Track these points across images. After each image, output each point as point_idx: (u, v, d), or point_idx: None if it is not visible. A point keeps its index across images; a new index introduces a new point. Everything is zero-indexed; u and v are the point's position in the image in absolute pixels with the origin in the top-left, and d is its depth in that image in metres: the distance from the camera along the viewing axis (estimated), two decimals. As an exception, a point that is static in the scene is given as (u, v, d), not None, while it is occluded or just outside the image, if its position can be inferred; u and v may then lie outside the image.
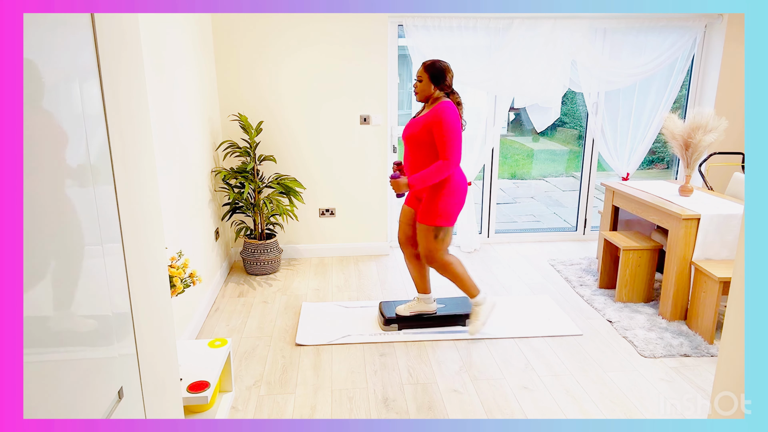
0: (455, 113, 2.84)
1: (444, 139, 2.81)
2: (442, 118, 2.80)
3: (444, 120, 2.80)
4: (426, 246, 3.00)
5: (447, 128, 2.80)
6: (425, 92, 2.93)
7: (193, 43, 3.48)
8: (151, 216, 1.32)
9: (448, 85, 2.92)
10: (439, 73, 2.89)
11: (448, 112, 2.81)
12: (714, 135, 3.41)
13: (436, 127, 2.81)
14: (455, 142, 2.82)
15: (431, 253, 3.01)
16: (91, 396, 0.98)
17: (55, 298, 0.88)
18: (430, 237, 2.98)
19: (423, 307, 3.28)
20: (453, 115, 2.82)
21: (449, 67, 2.93)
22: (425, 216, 2.96)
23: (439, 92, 2.92)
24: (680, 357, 2.96)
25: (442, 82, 2.90)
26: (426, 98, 2.96)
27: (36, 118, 0.83)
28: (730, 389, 1.51)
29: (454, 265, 3.07)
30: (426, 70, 2.91)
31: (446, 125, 2.80)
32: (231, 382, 2.60)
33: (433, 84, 2.90)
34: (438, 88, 2.91)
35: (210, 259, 3.72)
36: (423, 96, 2.95)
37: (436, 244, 2.99)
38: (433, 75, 2.89)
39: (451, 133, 2.80)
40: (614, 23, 4.41)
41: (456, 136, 2.82)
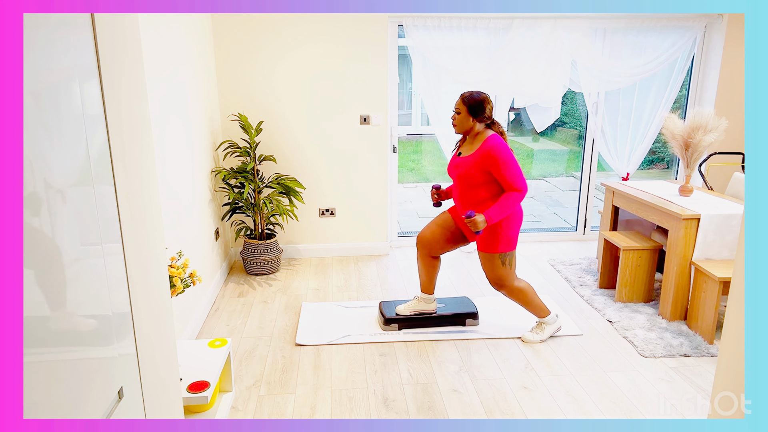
0: (505, 146, 2.77)
1: (506, 175, 2.75)
2: (496, 157, 2.73)
3: (499, 158, 2.73)
4: (494, 273, 2.96)
5: (504, 164, 2.74)
6: (464, 125, 2.85)
7: (193, 43, 3.48)
8: (151, 216, 1.32)
9: (488, 117, 2.84)
10: (477, 104, 2.80)
11: (500, 149, 2.74)
12: (714, 135, 3.41)
13: (493, 166, 2.75)
14: (517, 173, 2.76)
15: (501, 280, 2.97)
16: (91, 396, 0.98)
17: (55, 298, 0.88)
18: (497, 264, 2.93)
19: (423, 306, 3.28)
20: (505, 149, 2.76)
21: (488, 98, 2.84)
22: (488, 244, 2.91)
23: (479, 125, 2.84)
24: (680, 357, 2.96)
25: (481, 114, 2.81)
26: (465, 131, 2.88)
27: (36, 118, 0.83)
28: (730, 389, 1.51)
29: (525, 291, 3.03)
30: (464, 102, 2.82)
31: (503, 162, 2.73)
32: (231, 382, 2.60)
33: (472, 116, 2.81)
34: (477, 121, 2.83)
35: (210, 259, 3.72)
36: (462, 129, 2.87)
37: (504, 271, 2.95)
38: (471, 107, 2.80)
39: (511, 167, 2.75)
40: (614, 23, 4.41)
41: (515, 167, 2.76)
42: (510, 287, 3.00)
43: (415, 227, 6.03)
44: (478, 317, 3.29)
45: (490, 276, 2.99)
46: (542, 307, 3.09)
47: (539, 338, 3.12)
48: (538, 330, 3.14)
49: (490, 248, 2.92)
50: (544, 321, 3.13)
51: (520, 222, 2.95)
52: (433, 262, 3.23)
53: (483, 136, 2.84)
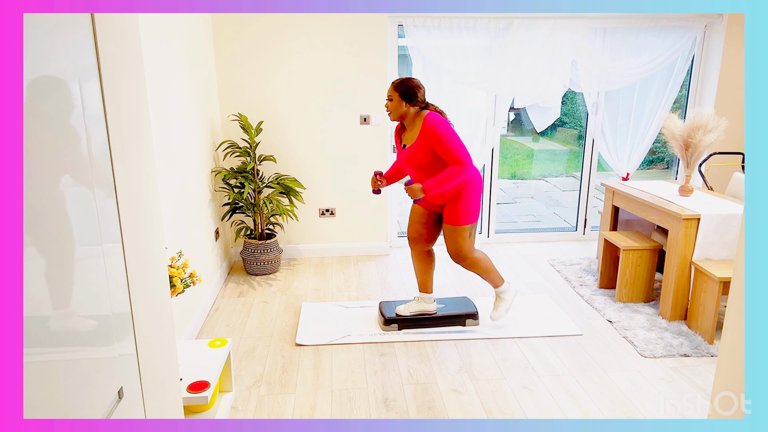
0: (443, 121, 2.83)
1: (447, 149, 2.79)
2: (435, 131, 2.78)
3: (438, 132, 2.78)
4: (457, 245, 3.02)
5: (445, 138, 2.78)
6: (397, 111, 2.89)
7: (193, 43, 3.48)
8: (151, 216, 1.32)
9: (421, 101, 2.90)
10: (409, 90, 2.85)
11: (439, 124, 2.80)
12: (714, 135, 3.41)
13: (435, 142, 2.79)
14: (458, 146, 2.80)
15: (462, 251, 3.03)
16: (91, 396, 0.98)
17: (55, 298, 0.88)
18: (463, 236, 3.00)
19: (423, 306, 3.28)
20: (443, 123, 2.81)
21: (420, 84, 2.90)
22: (452, 217, 2.98)
23: (413, 109, 2.89)
24: (680, 357, 2.96)
25: (413, 99, 2.86)
26: (400, 117, 2.92)
27: (36, 118, 0.83)
28: (730, 389, 1.51)
29: (484, 260, 3.12)
30: (395, 89, 2.87)
31: (443, 136, 2.78)
32: (231, 382, 2.60)
33: (405, 101, 2.86)
34: (410, 105, 2.88)
35: (210, 259, 3.72)
36: (396, 115, 2.91)
37: (467, 242, 3.02)
38: (403, 93, 2.85)
39: (451, 140, 2.79)
40: (614, 23, 4.41)
41: (455, 139, 2.81)
42: (471, 259, 3.07)
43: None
44: (478, 317, 3.29)
45: (452, 248, 3.04)
46: (497, 274, 3.18)
47: (505, 309, 3.21)
48: (499, 302, 3.22)
49: (455, 221, 2.98)
50: (500, 291, 3.21)
51: (480, 189, 3.01)
52: (427, 258, 3.27)
53: (420, 117, 2.88)
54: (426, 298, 3.29)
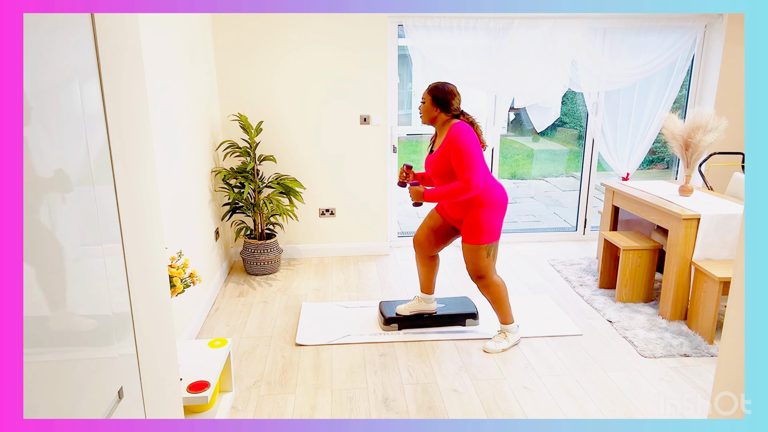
0: (469, 134, 2.73)
1: (460, 162, 2.71)
2: (455, 142, 2.71)
3: (457, 143, 2.70)
4: (476, 264, 2.92)
5: (461, 151, 2.70)
6: (428, 114, 2.84)
7: (194, 43, 3.48)
8: (151, 216, 1.32)
9: (455, 108, 2.82)
10: (442, 96, 2.79)
11: (461, 135, 2.71)
12: (714, 135, 3.41)
13: (454, 152, 2.72)
14: (472, 164, 2.70)
15: (481, 271, 2.93)
16: (91, 396, 0.98)
17: (54, 298, 0.88)
18: (481, 256, 2.89)
19: (423, 306, 3.28)
20: (467, 136, 2.71)
21: (455, 91, 2.81)
22: (470, 236, 2.88)
23: (444, 116, 2.82)
24: (680, 357, 2.96)
25: (445, 105, 2.80)
26: (430, 120, 2.86)
27: (36, 118, 0.83)
28: (730, 389, 1.51)
29: (501, 288, 2.99)
30: (429, 93, 2.82)
31: (460, 148, 2.70)
32: (231, 382, 2.60)
33: (437, 107, 2.80)
34: (442, 112, 2.81)
35: (210, 259, 3.72)
36: (427, 118, 2.86)
37: (487, 262, 2.91)
38: (436, 98, 2.79)
39: (467, 156, 2.69)
40: (614, 23, 4.41)
41: (472, 157, 2.70)
42: (488, 279, 2.95)
43: (415, 227, 6.03)
44: (478, 317, 3.29)
45: (471, 267, 2.95)
46: (510, 312, 3.05)
47: (501, 347, 3.03)
48: (501, 338, 3.06)
49: (474, 240, 2.87)
50: (507, 329, 3.07)
51: (503, 212, 2.91)
52: (430, 262, 3.23)
53: (449, 124, 2.82)
54: (427, 299, 3.28)
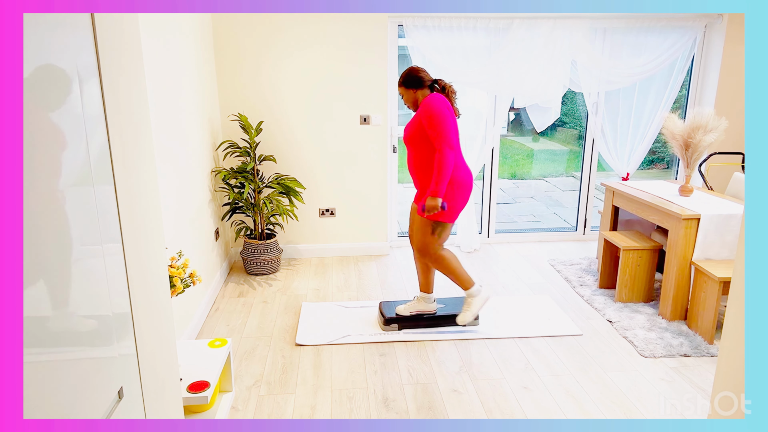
0: (440, 101, 2.84)
1: (433, 129, 2.81)
2: (427, 111, 2.83)
3: (429, 112, 2.82)
4: (421, 239, 3.01)
5: (431, 118, 2.81)
6: (410, 99, 2.98)
7: (193, 43, 3.48)
8: (151, 216, 1.32)
9: (429, 80, 2.94)
10: (410, 79, 2.93)
11: (432, 104, 2.83)
12: (714, 135, 3.41)
13: (426, 120, 2.83)
14: (445, 130, 2.80)
15: (425, 246, 3.02)
16: (91, 396, 0.98)
17: (55, 298, 0.88)
18: (427, 231, 2.98)
19: (423, 306, 3.28)
20: (438, 103, 2.82)
21: (418, 68, 2.96)
22: (419, 208, 2.95)
23: (422, 92, 2.94)
24: (680, 357, 2.96)
25: (418, 83, 2.93)
26: (414, 104, 3.00)
27: (36, 118, 0.83)
28: (730, 389, 1.51)
29: (448, 259, 3.06)
30: (400, 84, 2.98)
31: (432, 116, 2.81)
32: (231, 382, 2.60)
33: (412, 89, 2.94)
34: (419, 90, 2.94)
35: (210, 259, 3.72)
36: (411, 104, 3.01)
37: (431, 239, 2.99)
38: (408, 83, 2.94)
39: (436, 121, 2.80)
40: (614, 23, 4.41)
41: (444, 123, 2.80)
42: (434, 254, 3.02)
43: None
44: (478, 317, 3.29)
45: (417, 241, 3.03)
46: (466, 277, 3.10)
47: (472, 314, 3.12)
48: (467, 307, 3.14)
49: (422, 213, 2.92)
50: (469, 294, 3.12)
51: (466, 197, 2.98)
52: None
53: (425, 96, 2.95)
54: (426, 298, 3.28)
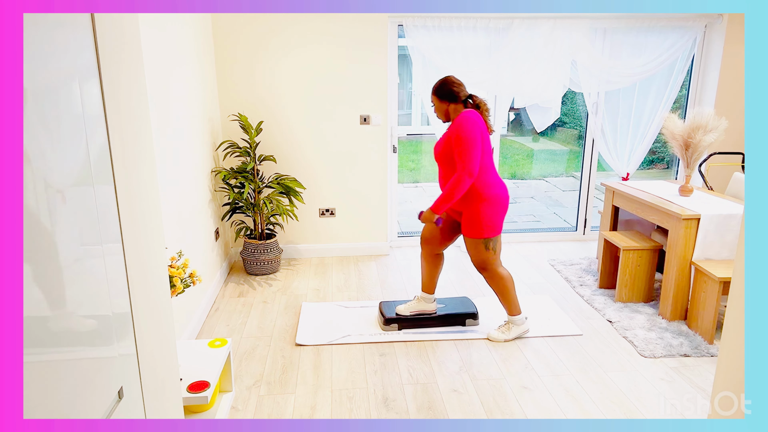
0: (471, 122, 2.79)
1: (458, 150, 2.79)
2: (457, 130, 2.80)
3: (459, 131, 2.79)
4: (478, 257, 3.00)
5: (460, 140, 2.78)
6: (441, 111, 2.95)
7: (193, 43, 3.48)
8: (151, 216, 1.32)
9: (464, 95, 2.90)
10: (444, 91, 2.89)
11: (464, 125, 2.79)
12: (714, 135, 3.41)
13: (455, 140, 2.81)
14: (468, 153, 2.77)
15: (484, 263, 3.01)
16: (91, 396, 0.98)
17: (55, 298, 0.88)
18: (480, 249, 2.98)
19: (423, 306, 3.28)
20: (468, 124, 2.78)
21: (454, 79, 2.90)
22: (470, 229, 2.95)
23: (455, 106, 2.91)
24: (680, 357, 2.96)
25: (451, 96, 2.89)
26: (445, 116, 2.96)
27: (36, 118, 0.83)
28: (730, 389, 1.51)
29: (506, 280, 3.06)
30: (433, 93, 2.94)
31: (460, 137, 2.78)
32: (231, 382, 2.60)
33: (446, 101, 2.91)
34: (452, 103, 2.91)
35: (210, 259, 3.72)
36: (442, 115, 2.97)
37: (488, 255, 2.98)
38: (441, 94, 2.91)
39: (464, 145, 2.77)
40: (614, 23, 4.41)
41: (468, 147, 2.76)
42: (492, 271, 3.03)
43: (415, 227, 6.02)
44: (478, 317, 3.29)
45: (474, 259, 3.03)
46: (516, 303, 3.11)
47: (504, 337, 3.12)
48: (505, 329, 3.15)
49: (473, 233, 2.95)
50: (512, 320, 3.14)
51: (503, 209, 2.98)
52: (435, 260, 3.24)
53: (458, 112, 2.92)
54: (426, 298, 3.28)
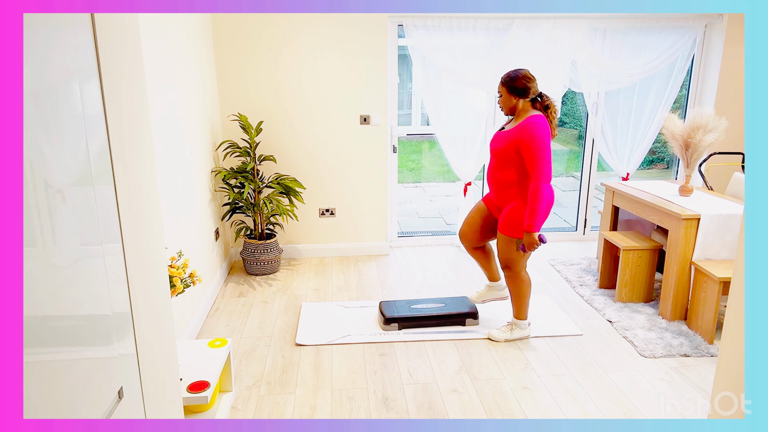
0: (545, 129, 2.73)
1: (533, 159, 2.72)
2: (530, 138, 2.71)
3: (533, 140, 2.70)
4: (506, 255, 2.98)
5: (536, 148, 2.70)
6: (507, 105, 2.86)
7: (193, 43, 3.48)
8: (151, 216, 1.32)
9: (535, 93, 2.82)
10: (516, 85, 2.79)
11: (536, 132, 2.70)
12: (714, 135, 3.41)
13: (524, 146, 2.73)
14: (544, 162, 2.72)
15: (509, 262, 2.99)
16: (91, 396, 0.98)
17: (54, 297, 0.88)
18: (511, 248, 2.94)
19: (495, 294, 3.35)
20: (542, 132, 2.71)
21: (530, 75, 2.80)
22: (506, 227, 2.91)
23: (524, 102, 2.82)
24: (680, 357, 2.96)
25: (522, 92, 2.80)
26: (510, 110, 2.88)
27: (36, 118, 0.83)
28: (730, 389, 1.51)
29: (525, 284, 3.06)
30: (503, 84, 2.84)
31: (535, 145, 2.70)
32: (231, 382, 2.60)
33: (514, 95, 2.81)
34: (520, 98, 2.82)
35: (210, 259, 3.72)
36: (507, 109, 2.88)
37: (515, 255, 2.96)
38: (512, 88, 2.80)
39: (540, 153, 2.70)
40: (614, 23, 4.41)
41: (545, 154, 2.71)
42: (515, 272, 3.02)
43: (415, 227, 6.03)
44: (478, 317, 3.29)
45: (501, 256, 3.01)
46: (526, 309, 3.12)
47: (505, 337, 3.13)
48: (507, 329, 3.15)
49: (507, 231, 2.92)
50: (517, 323, 3.14)
51: (546, 212, 2.86)
52: (480, 253, 3.28)
53: (527, 113, 2.82)
54: (493, 287, 3.34)
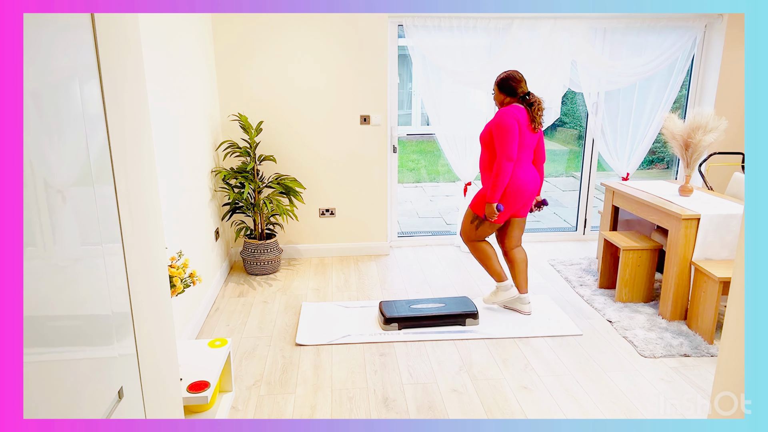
0: (510, 116, 3.09)
1: (497, 140, 3.12)
2: (496, 122, 3.13)
3: (498, 123, 3.11)
4: (465, 227, 3.40)
5: (498, 130, 3.10)
6: (498, 101, 3.27)
7: (193, 43, 3.48)
8: (151, 216, 1.32)
9: (521, 92, 3.19)
10: (505, 85, 3.19)
11: (503, 117, 3.11)
12: (714, 135, 3.41)
13: (494, 129, 3.14)
14: (506, 143, 3.08)
15: (465, 233, 3.41)
16: (91, 396, 0.98)
17: (54, 297, 0.88)
18: (467, 219, 3.38)
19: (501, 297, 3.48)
20: (507, 118, 3.09)
21: (517, 76, 3.19)
22: (473, 203, 3.32)
23: (508, 99, 3.20)
24: (680, 357, 2.96)
25: (509, 90, 3.19)
26: (500, 105, 3.26)
27: (36, 118, 0.83)
28: (730, 389, 1.51)
29: (480, 251, 3.40)
30: (496, 84, 3.24)
31: (498, 128, 3.10)
32: (231, 382, 2.60)
33: (503, 93, 3.21)
34: (507, 96, 3.20)
35: (210, 259, 3.72)
36: (497, 104, 3.29)
37: (471, 227, 3.36)
38: (501, 86, 3.21)
39: (501, 134, 3.08)
40: (614, 23, 4.41)
41: (507, 137, 3.08)
42: (471, 243, 3.41)
43: (415, 227, 6.03)
44: (478, 317, 3.29)
45: (462, 227, 3.45)
46: (498, 272, 3.42)
47: (493, 300, 3.50)
48: (497, 293, 3.49)
49: (472, 204, 3.34)
50: (499, 286, 3.47)
51: (518, 202, 3.24)
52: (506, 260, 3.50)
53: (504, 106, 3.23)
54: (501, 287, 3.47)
